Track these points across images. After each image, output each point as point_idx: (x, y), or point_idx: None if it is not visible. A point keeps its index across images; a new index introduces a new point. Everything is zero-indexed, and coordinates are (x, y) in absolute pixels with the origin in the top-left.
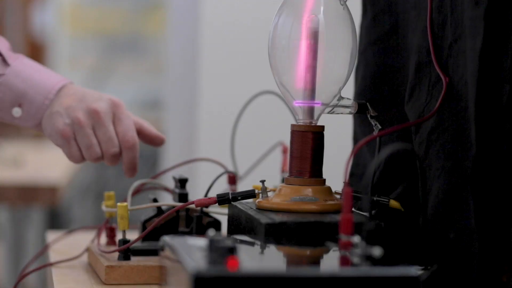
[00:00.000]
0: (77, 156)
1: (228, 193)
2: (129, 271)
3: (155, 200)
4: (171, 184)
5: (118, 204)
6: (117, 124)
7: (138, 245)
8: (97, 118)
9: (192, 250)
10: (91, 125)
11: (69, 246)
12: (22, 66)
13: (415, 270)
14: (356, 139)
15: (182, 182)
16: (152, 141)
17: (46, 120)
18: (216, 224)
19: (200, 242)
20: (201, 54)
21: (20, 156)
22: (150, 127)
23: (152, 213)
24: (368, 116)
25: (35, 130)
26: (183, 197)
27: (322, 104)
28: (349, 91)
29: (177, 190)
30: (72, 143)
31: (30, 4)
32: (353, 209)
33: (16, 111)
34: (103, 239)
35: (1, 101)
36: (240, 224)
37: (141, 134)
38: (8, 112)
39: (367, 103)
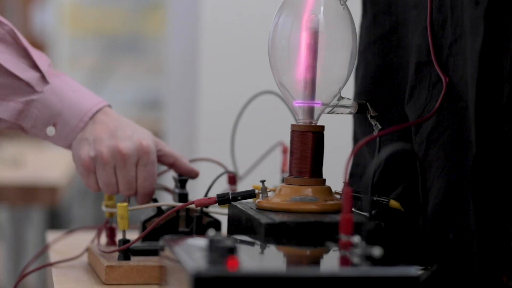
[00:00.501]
0: (94, 188)
1: (228, 193)
2: (129, 271)
3: (155, 200)
4: (171, 184)
5: (118, 204)
6: (140, 170)
7: (138, 245)
8: (120, 160)
9: (192, 250)
10: (113, 164)
11: (69, 246)
12: (61, 84)
13: (415, 270)
14: (356, 139)
15: (182, 182)
16: (186, 175)
17: (75, 144)
18: (216, 224)
19: (200, 242)
20: (201, 54)
21: (20, 156)
22: (184, 162)
23: (152, 213)
24: (368, 116)
25: (68, 149)
26: (183, 197)
27: (322, 104)
28: (349, 91)
29: (177, 190)
30: (91, 175)
31: (30, 4)
32: (353, 209)
33: (50, 130)
34: (103, 239)
35: (36, 119)
36: (240, 224)
37: (175, 167)
38: (42, 130)
39: (367, 103)
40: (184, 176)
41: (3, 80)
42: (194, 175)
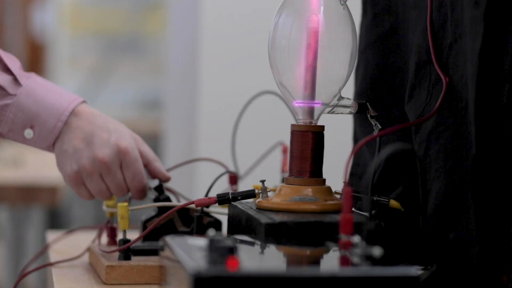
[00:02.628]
0: (88, 197)
1: (228, 193)
2: (129, 271)
3: (155, 200)
4: (171, 184)
5: (119, 204)
6: (125, 171)
7: (139, 245)
8: (103, 168)
9: (192, 250)
10: (98, 173)
11: (69, 246)
12: (34, 85)
13: (415, 270)
14: (356, 139)
15: (158, 189)
16: (157, 178)
17: (57, 155)
18: (217, 224)
19: (200, 242)
20: (201, 54)
21: (20, 156)
22: (157, 165)
23: (152, 213)
24: (368, 116)
25: (47, 151)
26: (166, 201)
27: (322, 104)
28: (349, 91)
29: (160, 197)
30: (81, 187)
31: (30, 4)
32: (353, 209)
33: (28, 133)
34: (104, 238)
35: (13, 123)
36: (240, 224)
37: (148, 168)
38: (19, 134)
39: (367, 103)
40: (158, 183)
41: None
42: (165, 179)
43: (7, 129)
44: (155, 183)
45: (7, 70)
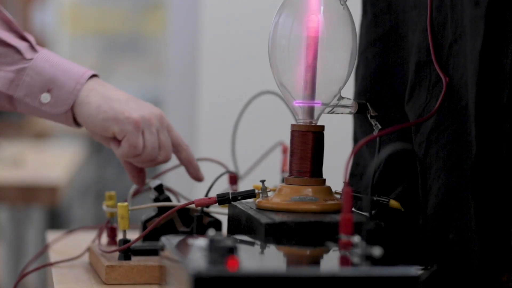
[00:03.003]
0: (139, 148)
1: (228, 193)
2: (129, 271)
3: (155, 200)
4: (171, 184)
5: (119, 204)
6: (171, 130)
7: (139, 245)
8: (162, 123)
9: (192, 250)
10: (156, 126)
11: (69, 246)
12: (49, 53)
13: (415, 270)
14: (356, 139)
15: (158, 188)
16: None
17: (98, 100)
18: (217, 224)
19: (200, 242)
20: (201, 54)
21: (20, 156)
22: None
23: (152, 213)
24: (368, 116)
25: (62, 120)
26: (166, 201)
27: (322, 104)
28: (349, 91)
29: (160, 197)
30: (140, 135)
31: (30, 4)
32: (353, 209)
33: (45, 97)
34: (104, 238)
35: (29, 86)
36: (240, 224)
37: None
38: (36, 98)
39: (367, 103)
40: (158, 183)
41: None
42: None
43: (23, 93)
44: (155, 183)
45: (23, 38)
